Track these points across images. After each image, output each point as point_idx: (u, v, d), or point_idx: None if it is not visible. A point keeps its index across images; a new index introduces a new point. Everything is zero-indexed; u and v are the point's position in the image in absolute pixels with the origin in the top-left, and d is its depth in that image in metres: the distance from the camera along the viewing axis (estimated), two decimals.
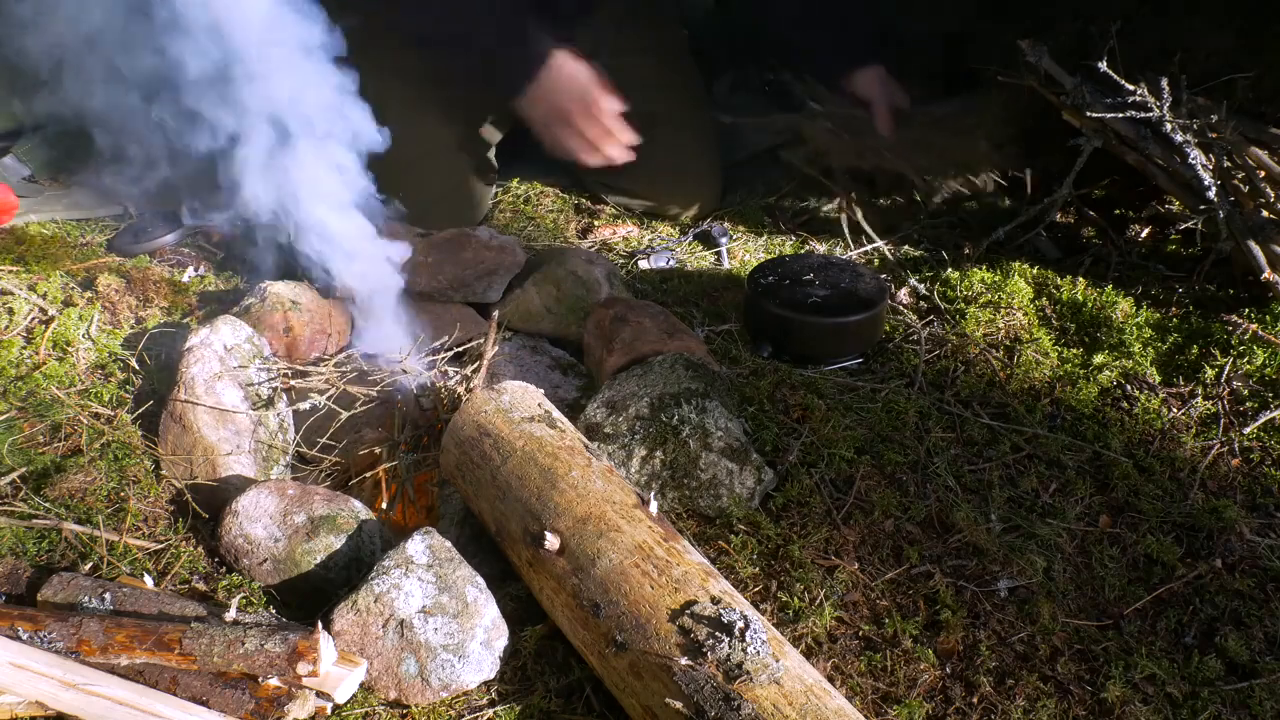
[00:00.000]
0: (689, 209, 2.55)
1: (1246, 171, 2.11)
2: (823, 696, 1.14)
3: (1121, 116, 2.09)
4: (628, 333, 1.84)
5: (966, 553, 1.55)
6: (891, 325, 2.09)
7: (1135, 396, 1.87)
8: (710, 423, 1.64)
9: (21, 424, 1.69)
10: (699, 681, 1.15)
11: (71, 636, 1.28)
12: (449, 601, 1.35)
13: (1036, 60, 2.24)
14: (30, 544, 1.50)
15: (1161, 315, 2.07)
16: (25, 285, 2.00)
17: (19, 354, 1.85)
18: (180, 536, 1.55)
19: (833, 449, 1.71)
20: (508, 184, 2.61)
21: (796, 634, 1.41)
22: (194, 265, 2.21)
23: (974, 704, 1.34)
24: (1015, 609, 1.47)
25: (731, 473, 1.61)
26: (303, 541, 1.47)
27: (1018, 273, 2.18)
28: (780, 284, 2.04)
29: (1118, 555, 1.56)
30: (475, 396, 1.58)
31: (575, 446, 1.47)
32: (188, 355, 1.69)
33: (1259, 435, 1.78)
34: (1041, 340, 2.01)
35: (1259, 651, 1.41)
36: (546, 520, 1.37)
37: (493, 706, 1.33)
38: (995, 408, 1.85)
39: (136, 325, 1.96)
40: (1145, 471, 1.71)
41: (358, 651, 1.33)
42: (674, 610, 1.22)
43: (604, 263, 2.14)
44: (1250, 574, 1.53)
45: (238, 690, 1.27)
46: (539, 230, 2.46)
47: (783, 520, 1.59)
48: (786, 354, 1.99)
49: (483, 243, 2.15)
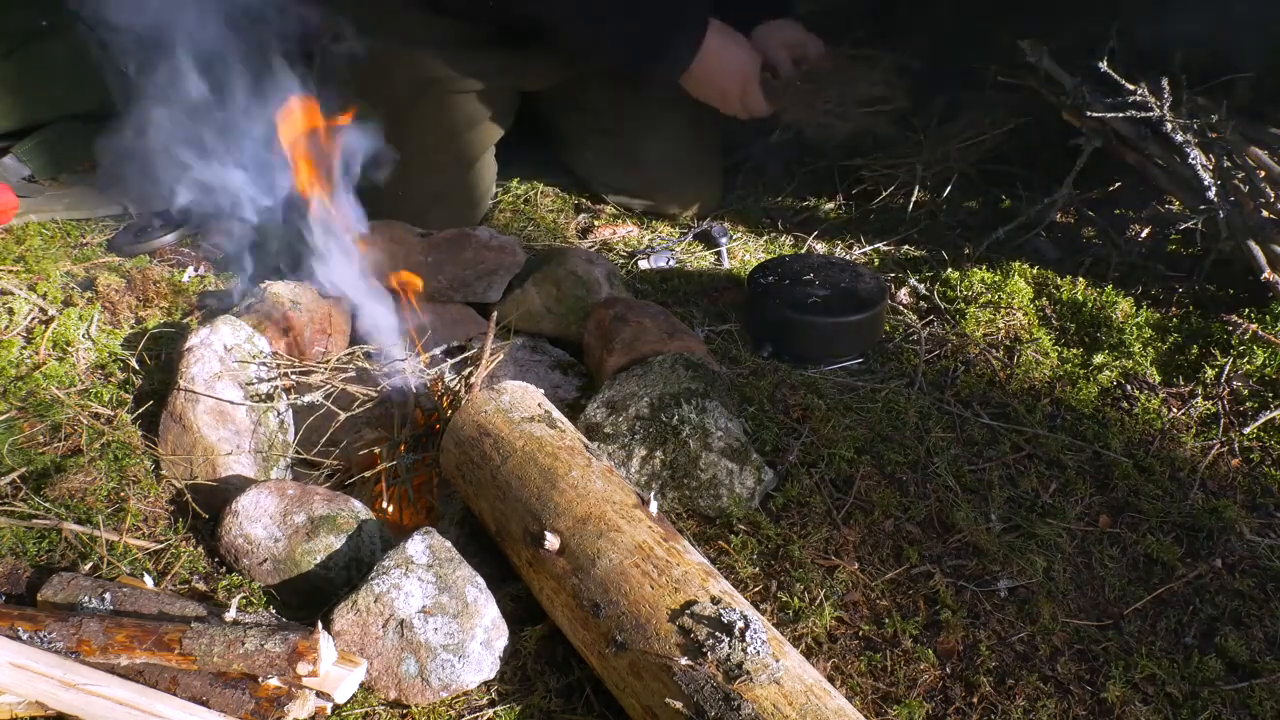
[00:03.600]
0: (689, 209, 2.55)
1: (1246, 171, 2.11)
2: (823, 696, 1.14)
3: (1121, 116, 2.09)
4: (628, 333, 1.84)
5: (966, 553, 1.55)
6: (891, 325, 2.09)
7: (1135, 396, 1.87)
8: (710, 423, 1.64)
9: (21, 424, 1.69)
10: (699, 681, 1.15)
11: (71, 636, 1.28)
12: (449, 601, 1.35)
13: (1036, 60, 2.24)
14: (30, 544, 1.50)
15: (1161, 315, 2.07)
16: (25, 285, 2.00)
17: (19, 354, 1.85)
18: (180, 536, 1.55)
19: (833, 449, 1.71)
20: (508, 184, 2.61)
21: (796, 634, 1.41)
22: (194, 265, 2.21)
23: (974, 704, 1.34)
24: (1015, 609, 1.47)
25: (731, 473, 1.61)
26: (303, 541, 1.47)
27: (1018, 273, 2.18)
28: (780, 284, 2.04)
29: (1118, 555, 1.56)
30: (475, 396, 1.58)
31: (575, 446, 1.47)
32: (188, 355, 1.69)
33: (1259, 435, 1.78)
34: (1041, 340, 2.01)
35: (1259, 651, 1.41)
36: (546, 520, 1.37)
37: (493, 706, 1.33)
38: (995, 408, 1.85)
39: (136, 325, 1.96)
40: (1145, 471, 1.71)
41: (358, 651, 1.33)
42: (674, 610, 1.22)
43: (604, 263, 2.13)
44: (1250, 574, 1.53)
45: (238, 690, 1.27)
46: (539, 230, 2.46)
47: (783, 520, 1.59)
48: (786, 354, 1.99)
49: (483, 243, 2.15)
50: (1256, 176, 2.09)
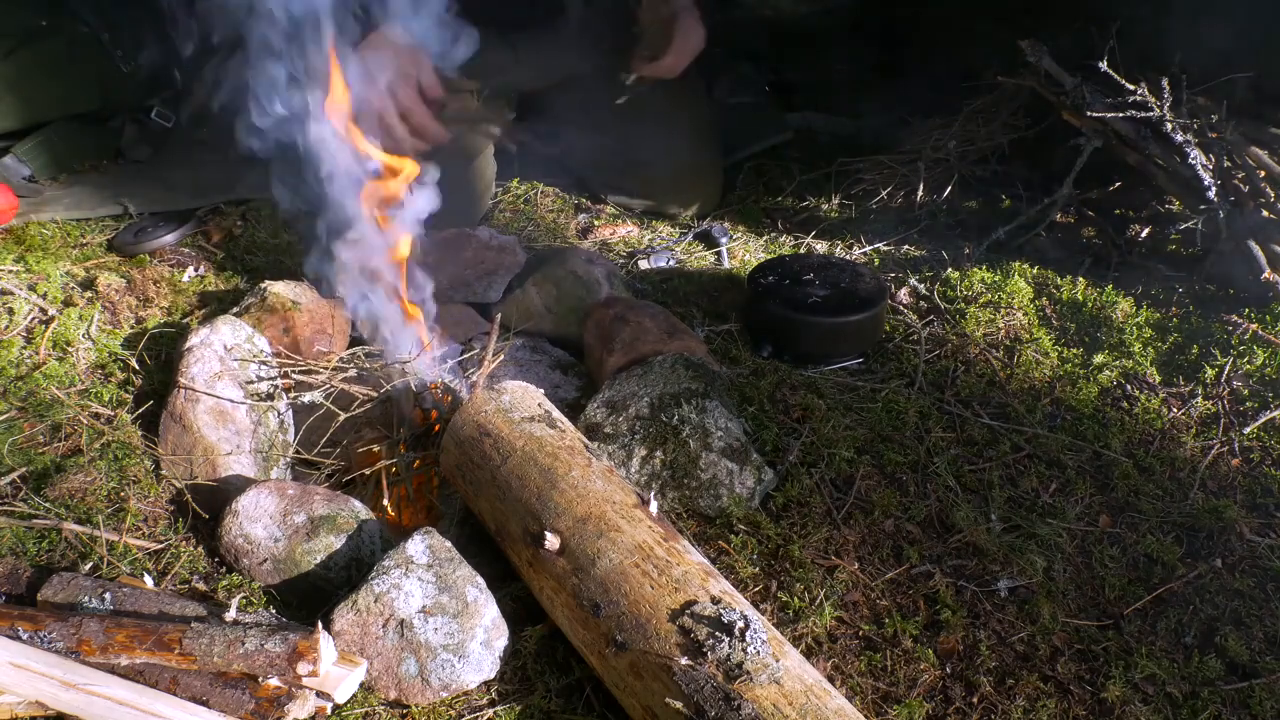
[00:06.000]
0: (689, 209, 2.55)
1: (1246, 171, 2.11)
2: (823, 696, 1.14)
3: (1121, 116, 2.10)
4: (628, 333, 1.84)
5: (966, 553, 1.55)
6: (891, 325, 2.09)
7: (1135, 396, 1.87)
8: (710, 423, 1.64)
9: (21, 424, 1.69)
10: (699, 681, 1.15)
11: (71, 636, 1.28)
12: (449, 601, 1.35)
13: (1036, 60, 2.25)
14: (30, 544, 1.50)
15: (1161, 315, 2.07)
16: (25, 285, 2.00)
17: (19, 354, 1.85)
18: (180, 536, 1.55)
19: (833, 449, 1.71)
20: (508, 184, 2.61)
21: (796, 634, 1.41)
22: (194, 265, 2.21)
23: (974, 704, 1.34)
24: (1015, 609, 1.47)
25: (731, 473, 1.61)
26: (303, 541, 1.47)
27: (1018, 273, 2.18)
28: (780, 284, 2.04)
29: (1118, 555, 1.56)
30: (475, 396, 1.58)
31: (575, 446, 1.47)
32: (188, 355, 1.69)
33: (1259, 435, 1.78)
34: (1041, 340, 2.01)
35: (1259, 651, 1.41)
36: (546, 520, 1.37)
37: (493, 706, 1.33)
38: (995, 408, 1.85)
39: (136, 325, 1.96)
40: (1145, 471, 1.71)
41: (358, 651, 1.33)
42: (674, 610, 1.22)
43: (604, 263, 2.13)
44: (1250, 574, 1.53)
45: (238, 690, 1.27)
46: (539, 230, 2.46)
47: (783, 520, 1.59)
48: (786, 354, 1.99)
49: (483, 243, 2.15)
50: (1256, 176, 2.10)
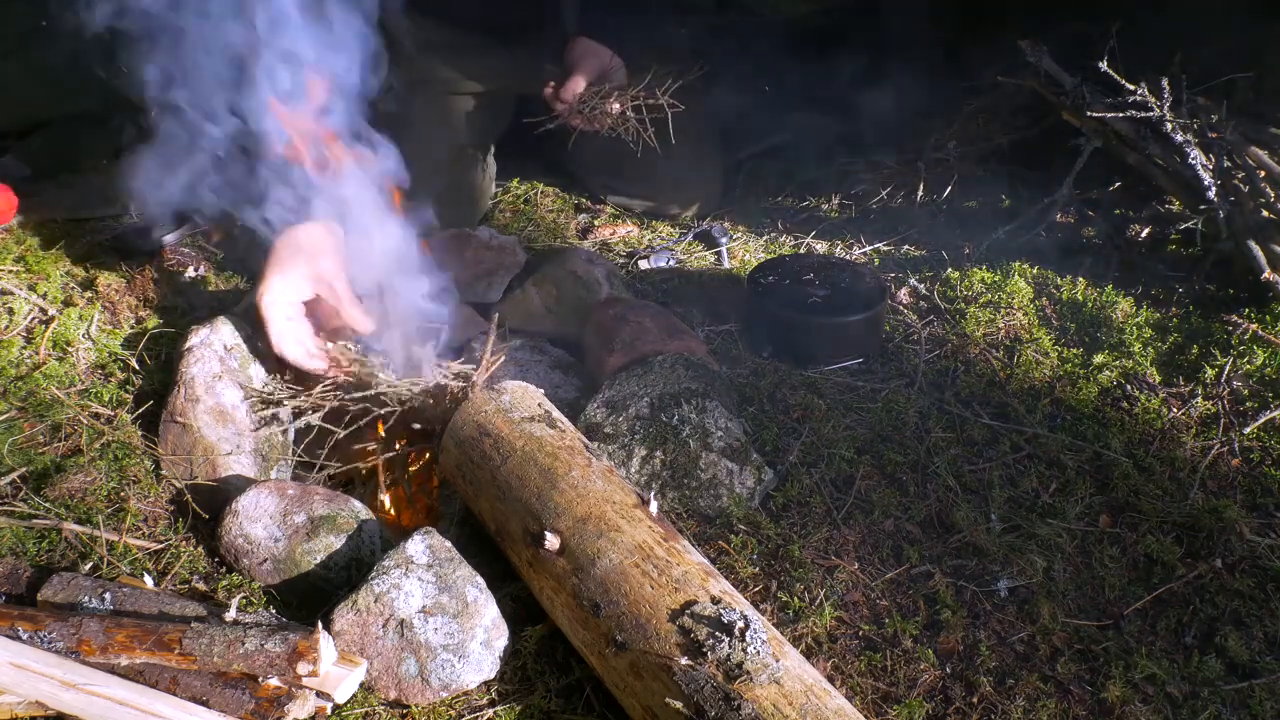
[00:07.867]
0: (689, 209, 2.55)
1: (1246, 171, 2.11)
2: (823, 696, 1.14)
3: (1121, 116, 2.10)
4: (628, 333, 1.84)
5: (966, 553, 1.55)
6: (891, 325, 2.09)
7: (1135, 396, 1.87)
8: (710, 423, 1.64)
9: (21, 424, 1.69)
10: (699, 681, 1.15)
11: (71, 636, 1.28)
12: (449, 601, 1.35)
13: (1036, 60, 2.25)
14: (30, 544, 1.50)
15: (1161, 315, 2.07)
16: (25, 285, 2.00)
17: (19, 354, 1.85)
18: (180, 536, 1.55)
19: (833, 449, 1.71)
20: (508, 184, 2.61)
21: (796, 634, 1.41)
22: (194, 265, 2.21)
23: (974, 704, 1.34)
24: (1015, 609, 1.47)
25: (731, 473, 1.61)
26: (303, 541, 1.47)
27: (1018, 273, 2.18)
28: (780, 284, 2.04)
29: (1118, 555, 1.56)
30: (475, 396, 1.58)
31: (575, 446, 1.47)
32: (188, 355, 1.69)
33: (1259, 435, 1.78)
34: (1041, 340, 2.01)
35: (1259, 651, 1.41)
36: (546, 520, 1.37)
37: (493, 706, 1.33)
38: (995, 408, 1.85)
39: (136, 325, 1.96)
40: (1145, 471, 1.71)
41: (358, 651, 1.33)
42: (674, 610, 1.22)
43: (604, 263, 2.13)
44: (1250, 574, 1.53)
45: (238, 690, 1.27)
46: (539, 230, 2.46)
47: (783, 520, 1.59)
48: (786, 354, 1.99)
49: (483, 243, 2.15)
50: (1256, 176, 2.10)
